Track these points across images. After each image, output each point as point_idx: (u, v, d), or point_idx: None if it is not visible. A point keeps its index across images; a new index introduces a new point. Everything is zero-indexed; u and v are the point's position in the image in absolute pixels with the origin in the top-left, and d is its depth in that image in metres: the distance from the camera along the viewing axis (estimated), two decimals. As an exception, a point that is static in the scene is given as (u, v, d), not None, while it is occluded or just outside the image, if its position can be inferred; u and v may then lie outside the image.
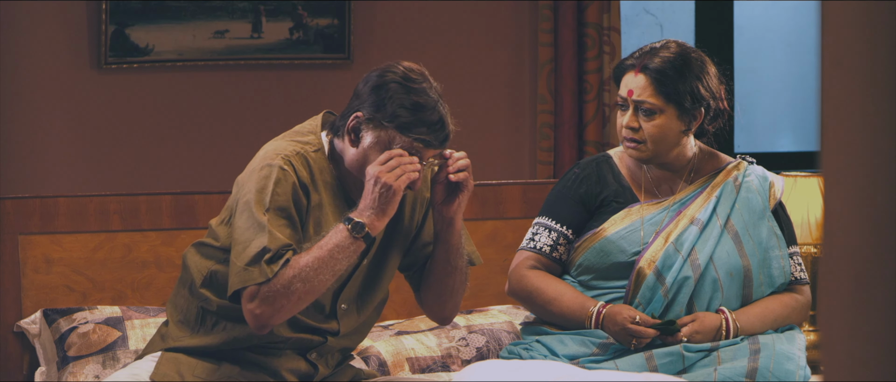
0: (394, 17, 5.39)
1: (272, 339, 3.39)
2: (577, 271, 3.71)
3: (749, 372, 3.51)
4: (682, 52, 3.64)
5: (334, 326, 3.43)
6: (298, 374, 3.43)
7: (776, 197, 3.75)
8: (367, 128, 3.28)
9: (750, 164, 3.78)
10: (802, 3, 6.39)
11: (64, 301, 4.10)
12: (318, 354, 3.46)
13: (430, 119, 3.27)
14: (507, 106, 5.57)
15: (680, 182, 3.73)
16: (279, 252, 3.21)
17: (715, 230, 3.65)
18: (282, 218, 3.26)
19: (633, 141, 3.63)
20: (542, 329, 3.72)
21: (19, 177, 5.06)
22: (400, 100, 3.25)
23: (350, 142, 3.31)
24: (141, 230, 4.16)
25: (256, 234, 3.23)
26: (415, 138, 3.26)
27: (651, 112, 3.61)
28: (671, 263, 3.61)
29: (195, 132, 5.30)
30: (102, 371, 3.87)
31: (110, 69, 5.16)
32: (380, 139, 3.28)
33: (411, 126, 3.25)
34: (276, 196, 3.26)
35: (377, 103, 3.27)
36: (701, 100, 3.62)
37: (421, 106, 3.26)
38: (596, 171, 3.75)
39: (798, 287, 3.74)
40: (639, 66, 3.63)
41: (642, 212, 3.68)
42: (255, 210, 3.25)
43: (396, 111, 3.25)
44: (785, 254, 3.70)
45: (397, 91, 3.26)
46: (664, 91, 3.60)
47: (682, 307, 3.60)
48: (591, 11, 5.50)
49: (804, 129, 6.42)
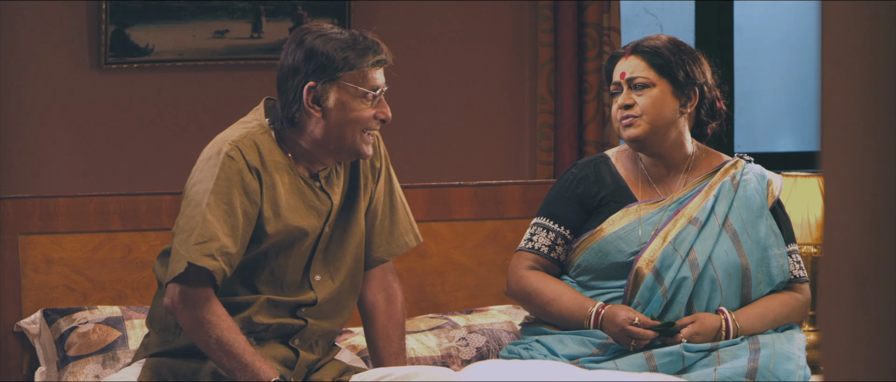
0: (394, 17, 5.39)
1: (252, 328, 3.41)
2: (575, 271, 3.71)
3: (749, 372, 3.51)
4: (676, 39, 3.68)
5: (311, 296, 3.46)
6: (282, 361, 3.44)
7: (774, 196, 3.74)
8: (325, 92, 3.34)
9: (748, 163, 3.78)
10: (802, 3, 6.39)
11: (64, 301, 4.10)
12: (300, 340, 3.47)
13: (368, 43, 3.36)
14: (507, 106, 5.57)
15: (678, 181, 3.73)
16: (213, 264, 3.27)
17: (713, 229, 3.65)
18: (223, 205, 3.30)
19: (628, 117, 3.64)
20: (541, 329, 3.72)
21: (19, 177, 5.06)
22: (335, 47, 3.33)
23: (315, 113, 3.35)
24: (141, 230, 4.16)
25: (197, 222, 3.28)
26: (372, 63, 3.34)
27: (644, 86, 3.63)
28: (670, 263, 3.61)
29: (195, 132, 5.30)
30: (102, 371, 3.87)
31: (110, 69, 5.16)
32: (341, 93, 3.35)
33: (362, 56, 3.34)
34: (220, 182, 3.29)
35: (320, 65, 3.34)
36: (695, 80, 3.64)
37: (353, 37, 3.36)
38: (593, 171, 3.75)
39: (797, 285, 3.74)
40: (629, 51, 3.66)
41: (640, 212, 3.68)
42: (199, 196, 3.31)
43: (340, 56, 3.33)
44: (784, 253, 3.70)
45: (326, 43, 3.34)
46: (656, 64, 3.62)
47: (681, 307, 3.60)
48: (591, 11, 5.50)
49: (804, 129, 6.42)
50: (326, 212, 3.45)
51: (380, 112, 3.39)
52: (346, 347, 3.89)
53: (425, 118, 5.40)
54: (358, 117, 3.36)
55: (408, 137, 5.34)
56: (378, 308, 3.62)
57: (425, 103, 5.41)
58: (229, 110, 5.34)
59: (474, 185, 4.42)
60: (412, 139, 5.37)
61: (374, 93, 3.37)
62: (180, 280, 3.29)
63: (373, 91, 3.36)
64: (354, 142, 3.38)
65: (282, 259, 3.42)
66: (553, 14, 5.48)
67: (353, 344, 3.99)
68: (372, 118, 3.38)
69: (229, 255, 3.28)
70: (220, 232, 3.27)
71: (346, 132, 3.36)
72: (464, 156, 5.49)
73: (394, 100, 5.12)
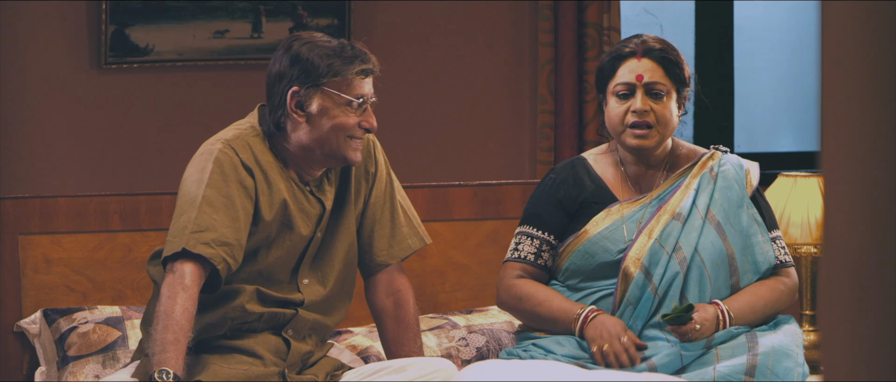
0: (394, 17, 5.39)
1: (245, 318, 3.41)
2: (564, 275, 3.71)
3: (748, 370, 3.51)
4: (662, 39, 3.70)
5: (299, 297, 3.47)
6: (275, 352, 3.45)
7: (753, 184, 3.74)
8: (308, 97, 3.36)
9: (724, 154, 3.78)
10: (802, 3, 6.39)
11: (64, 301, 4.10)
12: (293, 331, 3.48)
13: (355, 52, 3.39)
14: (507, 106, 5.57)
15: (657, 177, 3.73)
16: (213, 252, 3.25)
17: (696, 222, 3.65)
18: (222, 198, 3.31)
19: (644, 126, 3.62)
20: (536, 335, 3.72)
21: (19, 177, 5.06)
22: (320, 54, 3.36)
23: (299, 119, 3.37)
24: (141, 230, 4.16)
25: (193, 215, 3.29)
26: (357, 72, 3.37)
27: (660, 94, 3.62)
28: (657, 260, 3.61)
29: (195, 132, 5.30)
30: (102, 371, 3.87)
31: (110, 69, 5.15)
32: (324, 99, 3.37)
33: (347, 64, 3.36)
34: (215, 175, 3.30)
35: (304, 71, 3.36)
36: (687, 85, 3.67)
37: (341, 45, 3.39)
38: (572, 174, 3.75)
39: (783, 270, 3.74)
40: (640, 52, 3.64)
41: (622, 211, 3.68)
42: (194, 190, 3.31)
43: (325, 63, 3.36)
44: (767, 239, 3.69)
45: (313, 50, 3.37)
46: (671, 72, 3.63)
47: (673, 301, 3.60)
48: (591, 11, 5.50)
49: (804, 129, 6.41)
50: (317, 217, 3.46)
51: (364, 120, 3.40)
52: (346, 347, 3.89)
53: (425, 118, 5.40)
54: (341, 124, 3.38)
55: (408, 137, 5.33)
56: (387, 313, 3.63)
57: (425, 103, 5.40)
58: (229, 110, 5.33)
59: (474, 185, 4.42)
60: (412, 139, 5.36)
61: (358, 102, 3.38)
62: (173, 259, 3.28)
63: (357, 99, 3.38)
64: (340, 148, 3.39)
65: (271, 258, 3.43)
66: (553, 14, 5.48)
67: (354, 344, 3.99)
68: (356, 126, 3.39)
69: (229, 246, 3.28)
70: (219, 224, 3.28)
71: (331, 138, 3.38)
72: (464, 156, 5.49)
73: (394, 100, 5.12)
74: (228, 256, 3.28)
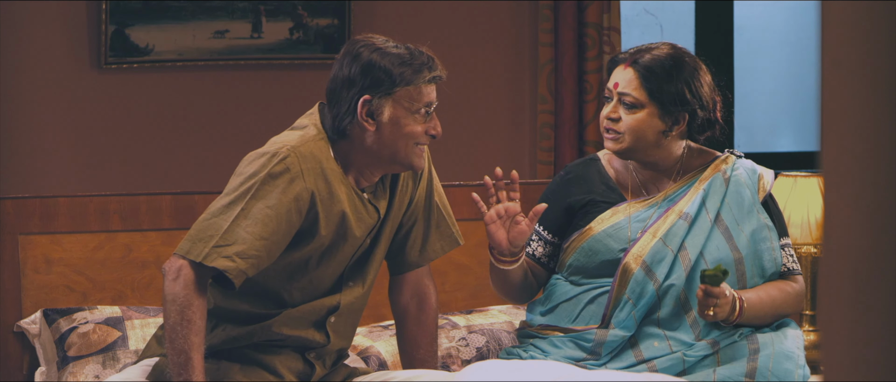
0: (394, 17, 5.39)
1: (272, 338, 3.39)
2: (568, 271, 3.71)
3: (748, 372, 3.51)
4: (676, 54, 3.63)
5: (336, 300, 3.45)
6: (296, 373, 3.44)
7: (766, 190, 3.73)
8: (380, 106, 3.34)
9: (738, 158, 3.77)
10: (802, 3, 6.39)
11: (64, 301, 4.10)
12: (316, 355, 3.47)
13: (424, 58, 3.37)
14: (507, 106, 5.57)
15: (668, 182, 3.73)
16: (232, 265, 3.22)
17: (704, 224, 3.64)
18: (264, 209, 3.26)
19: (613, 132, 3.64)
20: (535, 333, 3.72)
21: (19, 177, 5.06)
22: (391, 63, 3.34)
23: (369, 127, 3.34)
24: (141, 230, 4.16)
25: (225, 215, 3.25)
26: (428, 80, 3.36)
27: (632, 106, 3.62)
28: (661, 258, 3.60)
29: (195, 132, 5.30)
30: (102, 371, 3.87)
31: (110, 69, 5.16)
32: (396, 108, 3.35)
33: (417, 73, 3.35)
34: (267, 185, 3.27)
35: (376, 79, 3.33)
36: (685, 105, 3.60)
37: (410, 53, 3.36)
38: (583, 173, 3.76)
39: (791, 276, 3.73)
40: (629, 61, 3.64)
41: (629, 210, 3.68)
42: (239, 194, 3.27)
43: (396, 72, 3.33)
44: (777, 246, 3.69)
45: (382, 58, 3.34)
46: (649, 87, 3.60)
47: (674, 300, 3.60)
48: (591, 11, 5.50)
49: (804, 129, 6.42)
50: (372, 225, 3.44)
51: (431, 127, 3.40)
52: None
53: (425, 118, 5.40)
54: (411, 132, 3.36)
55: (408, 137, 5.34)
56: (409, 313, 3.63)
57: (425, 103, 5.40)
58: (229, 110, 5.34)
59: (474, 185, 4.42)
60: (412, 139, 5.36)
61: (426, 109, 3.37)
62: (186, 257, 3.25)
63: (426, 107, 3.37)
64: (407, 155, 3.38)
65: (323, 267, 3.40)
66: (553, 14, 5.48)
67: (354, 344, 3.99)
68: (423, 133, 3.38)
69: (253, 258, 3.23)
70: (250, 236, 3.23)
71: (399, 146, 3.36)
72: (464, 156, 5.49)
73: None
74: (248, 268, 3.24)
